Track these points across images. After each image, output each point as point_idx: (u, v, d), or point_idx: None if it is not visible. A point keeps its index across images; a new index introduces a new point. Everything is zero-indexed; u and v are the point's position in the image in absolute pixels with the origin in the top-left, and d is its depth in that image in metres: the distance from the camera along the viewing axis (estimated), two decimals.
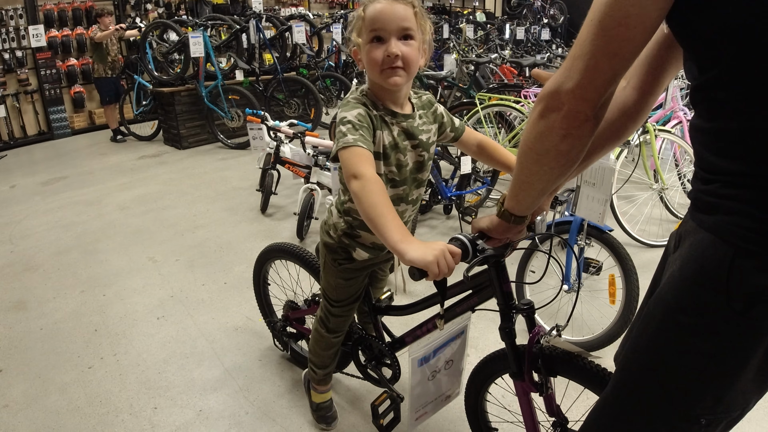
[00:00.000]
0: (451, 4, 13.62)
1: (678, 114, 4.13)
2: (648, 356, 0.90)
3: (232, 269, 3.22)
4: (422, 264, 1.04)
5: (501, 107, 4.31)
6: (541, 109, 0.85)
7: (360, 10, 1.30)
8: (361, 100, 1.34)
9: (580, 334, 2.42)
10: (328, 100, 7.27)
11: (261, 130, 3.97)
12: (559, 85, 0.82)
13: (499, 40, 9.46)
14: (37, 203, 4.64)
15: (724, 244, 0.78)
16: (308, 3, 10.54)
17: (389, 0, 1.27)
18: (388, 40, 1.26)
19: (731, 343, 0.80)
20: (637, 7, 0.74)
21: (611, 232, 2.29)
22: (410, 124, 1.41)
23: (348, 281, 1.60)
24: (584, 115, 0.82)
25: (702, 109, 0.83)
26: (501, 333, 1.32)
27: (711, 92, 0.79)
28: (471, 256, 1.15)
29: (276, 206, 4.24)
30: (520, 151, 0.95)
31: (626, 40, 0.76)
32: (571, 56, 0.81)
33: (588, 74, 0.79)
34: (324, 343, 1.77)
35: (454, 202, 3.72)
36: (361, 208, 1.17)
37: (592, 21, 0.78)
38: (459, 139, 1.58)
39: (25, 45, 7.12)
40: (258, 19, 6.82)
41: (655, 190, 3.66)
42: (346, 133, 1.25)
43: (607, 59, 0.77)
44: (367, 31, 1.28)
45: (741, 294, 0.77)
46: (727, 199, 0.79)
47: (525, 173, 0.97)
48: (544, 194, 1.01)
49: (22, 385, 2.23)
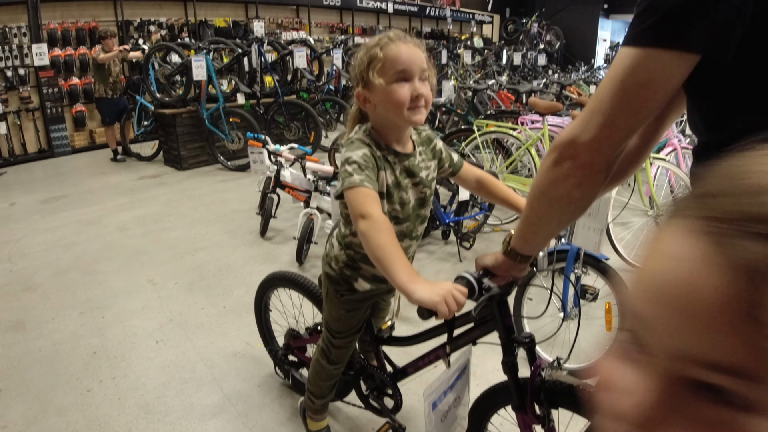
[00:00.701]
0: (449, 29, 13.84)
1: (672, 141, 4.20)
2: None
3: (231, 293, 3.23)
4: (430, 304, 1.06)
5: (498, 134, 4.38)
6: (556, 157, 0.88)
7: (376, 51, 1.30)
8: (365, 141, 1.36)
9: (577, 361, 2.44)
10: (328, 123, 7.35)
11: (262, 153, 4.02)
12: (575, 136, 0.85)
13: (496, 66, 9.61)
14: (36, 222, 4.66)
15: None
16: (309, 28, 10.70)
17: (407, 43, 1.31)
18: (412, 80, 1.30)
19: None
20: (661, 72, 0.76)
21: (607, 260, 2.33)
22: (411, 162, 1.43)
23: (350, 312, 1.62)
24: (598, 167, 0.85)
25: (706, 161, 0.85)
26: (504, 367, 1.33)
27: (718, 150, 0.82)
28: (477, 294, 1.18)
29: (275, 230, 4.27)
30: (531, 194, 0.97)
31: (647, 101, 0.78)
32: (590, 109, 0.83)
33: (605, 130, 0.81)
34: (324, 374, 1.78)
35: (453, 228, 3.76)
36: (368, 248, 1.19)
37: (614, 79, 0.80)
38: (457, 174, 1.60)
39: (28, 63, 7.20)
40: (260, 43, 6.93)
41: (651, 216, 3.71)
42: (352, 173, 1.27)
43: (625, 117, 0.80)
44: (390, 71, 1.29)
45: None
46: None
47: (536, 216, 1.00)
48: (553, 236, 1.05)
49: (21, 406, 2.23)
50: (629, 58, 0.78)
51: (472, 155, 4.49)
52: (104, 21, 7.86)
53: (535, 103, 4.26)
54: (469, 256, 3.75)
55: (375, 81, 1.31)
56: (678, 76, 0.77)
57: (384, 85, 1.30)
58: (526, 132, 4.38)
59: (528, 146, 4.16)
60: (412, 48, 1.31)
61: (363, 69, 1.32)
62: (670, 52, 0.75)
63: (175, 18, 8.79)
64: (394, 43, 1.30)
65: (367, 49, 1.33)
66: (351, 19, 11.63)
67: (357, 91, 1.37)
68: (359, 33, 11.72)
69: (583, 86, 8.32)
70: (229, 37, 8.62)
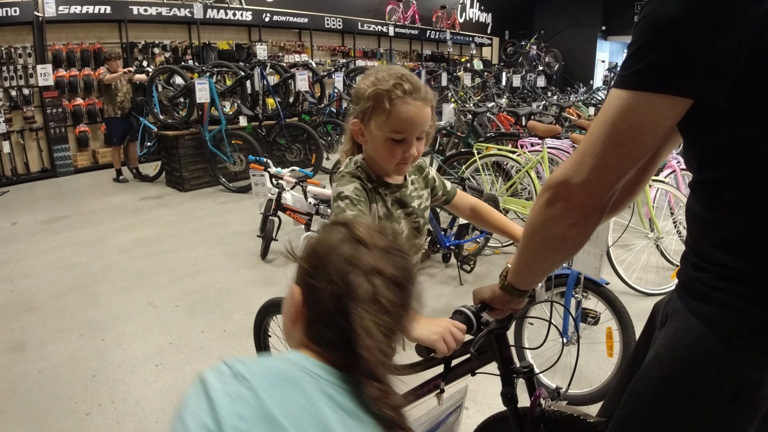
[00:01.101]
0: (449, 52, 14.00)
1: (671, 163, 4.22)
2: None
3: (231, 316, 3.23)
4: (428, 342, 1.05)
5: (498, 157, 4.41)
6: (549, 197, 0.87)
7: (384, 100, 1.25)
8: (355, 174, 1.36)
9: (578, 387, 2.43)
10: (329, 145, 7.41)
11: (263, 176, 4.05)
12: (568, 177, 0.84)
13: (496, 88, 9.70)
14: (37, 242, 4.67)
15: (714, 336, 0.81)
16: (311, 51, 10.83)
17: (417, 103, 1.27)
18: (409, 142, 1.29)
19: (719, 428, 0.83)
20: (653, 116, 0.76)
21: (607, 285, 2.33)
22: (403, 193, 1.43)
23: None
24: (592, 208, 0.84)
25: (702, 197, 0.85)
26: (503, 398, 1.32)
27: (713, 188, 0.82)
28: (476, 329, 1.17)
29: (276, 252, 4.27)
30: (525, 232, 0.97)
31: (638, 144, 0.78)
32: (581, 152, 0.83)
33: (597, 172, 0.81)
34: None
35: (453, 251, 3.77)
36: None
37: (605, 122, 0.79)
38: (451, 202, 1.60)
39: (33, 83, 7.29)
40: (262, 66, 7.02)
41: (651, 238, 3.72)
42: (345, 209, 1.26)
43: (617, 160, 0.80)
44: (390, 128, 1.27)
45: (730, 385, 0.80)
46: (720, 291, 0.81)
47: (530, 254, 0.99)
48: (548, 273, 1.04)
49: (20, 429, 2.22)
50: (620, 100, 0.78)
51: (472, 178, 4.52)
52: (109, 43, 7.97)
53: (535, 126, 4.31)
54: (470, 279, 3.75)
55: (372, 128, 1.30)
56: (670, 120, 0.77)
57: (380, 136, 1.29)
58: (525, 155, 4.41)
59: (528, 169, 4.19)
60: (421, 109, 1.27)
61: (366, 108, 1.29)
62: (661, 96, 0.75)
63: (179, 41, 8.92)
64: (404, 101, 1.25)
65: (377, 87, 1.27)
66: (353, 42, 11.78)
67: (353, 121, 1.34)
68: (360, 56, 11.86)
69: (582, 108, 8.39)
70: (232, 60, 8.74)
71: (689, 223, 0.90)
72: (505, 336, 1.32)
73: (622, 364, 2.25)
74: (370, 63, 11.37)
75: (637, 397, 0.93)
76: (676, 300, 0.91)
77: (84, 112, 7.83)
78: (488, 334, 1.18)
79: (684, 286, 0.89)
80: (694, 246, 0.88)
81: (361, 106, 1.30)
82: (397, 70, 1.30)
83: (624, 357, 2.24)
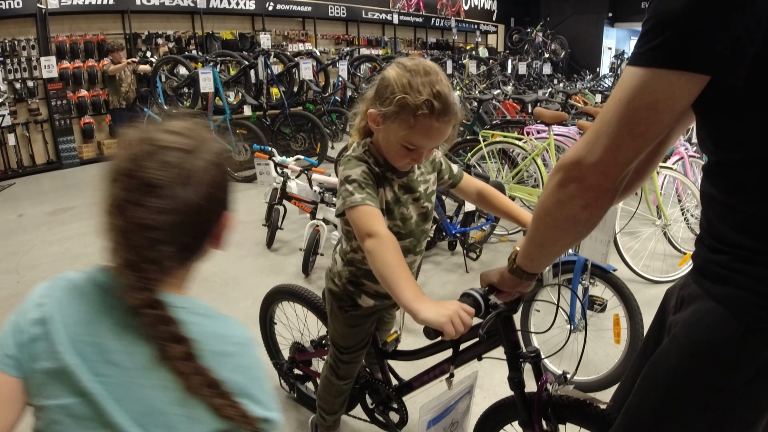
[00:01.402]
0: (455, 40, 13.90)
1: (679, 150, 4.18)
2: (653, 420, 0.91)
3: (237, 305, 3.23)
4: (436, 325, 1.04)
5: (504, 144, 4.38)
6: (561, 178, 0.86)
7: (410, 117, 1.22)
8: (362, 158, 1.35)
9: (585, 373, 2.42)
10: (334, 134, 7.38)
11: (268, 165, 4.03)
12: (581, 157, 0.82)
13: (501, 76, 9.63)
14: (44, 233, 4.68)
15: (734, 319, 0.79)
16: (315, 40, 10.78)
17: (442, 125, 1.25)
18: (421, 153, 1.30)
19: (736, 411, 0.81)
20: (668, 93, 0.74)
21: (615, 271, 2.31)
22: (410, 178, 1.43)
23: (354, 328, 1.61)
24: (605, 188, 0.82)
25: (718, 180, 0.83)
26: (510, 383, 1.32)
27: (730, 170, 0.80)
28: (484, 311, 1.16)
29: (282, 241, 4.27)
30: (536, 214, 0.95)
31: (653, 123, 0.76)
32: (595, 131, 0.81)
33: (611, 152, 0.79)
34: (334, 390, 1.76)
35: (459, 239, 3.75)
36: (374, 266, 1.17)
37: (620, 100, 0.77)
38: (457, 185, 1.59)
39: (37, 75, 7.28)
40: (266, 55, 6.98)
41: (659, 226, 3.69)
42: (353, 192, 1.25)
43: (632, 139, 0.78)
44: (407, 140, 1.26)
45: (748, 367, 0.78)
46: (739, 273, 0.79)
47: (541, 236, 0.97)
48: (558, 256, 1.02)
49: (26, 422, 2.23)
50: (636, 78, 0.75)
51: (478, 165, 4.49)
52: (112, 34, 7.95)
53: (541, 113, 4.26)
54: (476, 267, 3.74)
55: (390, 128, 1.27)
56: (687, 98, 0.74)
57: (395, 139, 1.28)
58: (531, 142, 4.38)
59: (534, 156, 4.16)
60: (444, 129, 1.26)
61: (390, 105, 1.24)
62: (678, 74, 0.72)
63: (182, 31, 8.88)
64: (430, 121, 1.22)
65: (407, 96, 1.22)
66: (357, 30, 11.71)
67: (372, 111, 1.30)
68: (365, 44, 11.79)
69: (588, 95, 8.32)
70: (235, 49, 8.70)
71: (704, 206, 0.88)
72: (512, 320, 1.31)
73: (629, 351, 2.24)
74: (374, 51, 11.30)
75: (654, 381, 0.91)
76: (691, 284, 0.89)
77: (89, 104, 7.81)
78: (497, 316, 1.17)
79: (700, 270, 0.87)
80: (710, 229, 0.86)
81: (385, 105, 1.26)
82: (433, 78, 1.24)
83: (631, 344, 2.23)
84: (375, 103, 1.31)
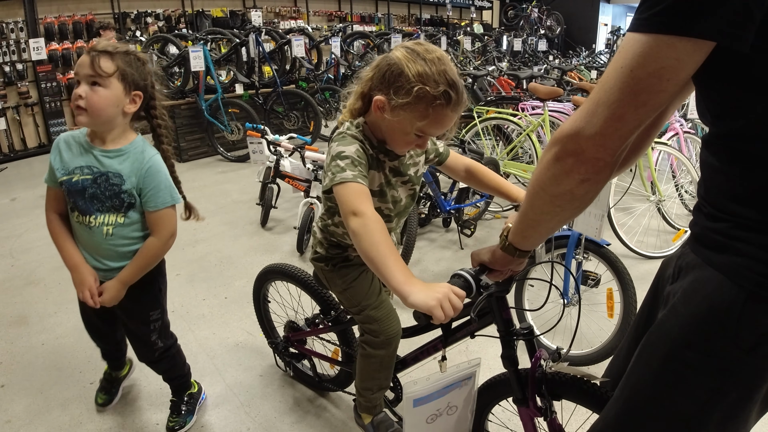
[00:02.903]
0: (449, 16, 13.73)
1: (674, 126, 4.16)
2: (653, 389, 0.90)
3: (232, 284, 3.23)
4: (425, 309, 1.01)
5: (499, 120, 4.35)
6: (558, 151, 0.83)
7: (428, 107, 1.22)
8: (358, 137, 1.33)
9: (579, 347, 2.44)
10: (328, 112, 7.32)
11: (261, 144, 4.00)
12: (579, 129, 0.79)
13: (496, 52, 9.54)
14: (37, 216, 4.65)
15: (735, 287, 0.78)
16: (307, 16, 10.62)
17: (455, 114, 1.26)
18: (427, 139, 1.32)
19: (737, 379, 0.81)
20: (674, 60, 0.71)
21: (609, 246, 2.32)
22: (401, 162, 1.43)
23: (357, 280, 1.57)
24: (604, 162, 0.79)
25: (720, 153, 0.81)
26: (503, 361, 1.31)
27: (731, 141, 0.78)
28: (475, 293, 1.13)
29: (276, 220, 4.27)
30: (530, 190, 0.92)
31: (657, 92, 0.73)
32: (594, 101, 0.77)
33: (612, 123, 0.76)
34: (380, 365, 1.61)
35: (453, 216, 3.75)
36: (360, 246, 1.14)
37: (623, 68, 0.74)
38: (443, 163, 1.59)
39: (26, 58, 7.16)
40: (257, 33, 6.87)
41: (653, 201, 3.69)
42: (345, 168, 1.22)
43: (634, 109, 0.75)
44: (420, 129, 1.26)
45: (750, 335, 0.77)
46: (739, 241, 0.78)
47: (535, 212, 0.94)
48: (553, 233, 1.00)
49: (25, 400, 2.24)
50: (639, 45, 0.72)
51: (473, 142, 4.47)
52: (101, 14, 7.81)
53: (536, 88, 4.23)
54: (471, 244, 3.74)
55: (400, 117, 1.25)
56: (691, 65, 0.72)
57: (410, 125, 1.26)
58: (526, 118, 4.35)
59: (529, 132, 4.14)
60: (455, 116, 1.27)
61: (406, 95, 1.22)
62: (684, 40, 0.69)
63: (172, 9, 8.73)
64: (445, 110, 1.23)
65: (425, 86, 1.20)
66: (350, 6, 11.54)
67: (380, 98, 1.26)
68: (358, 21, 11.63)
69: (584, 71, 8.26)
70: (226, 27, 8.56)
71: (704, 176, 0.86)
72: (504, 298, 1.30)
73: (622, 325, 2.25)
74: (367, 28, 11.15)
75: (653, 350, 0.90)
76: (689, 253, 0.88)
77: None
78: (488, 297, 1.16)
79: (698, 238, 0.86)
80: (709, 197, 0.84)
81: (400, 95, 1.23)
82: (447, 67, 1.23)
83: (624, 318, 2.24)
84: (383, 89, 1.27)
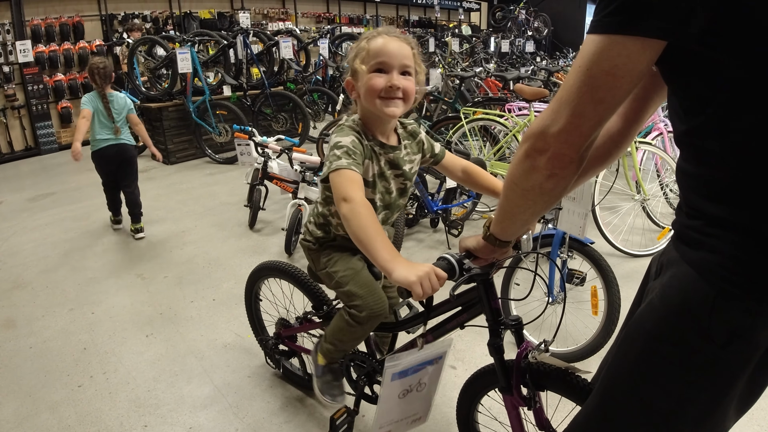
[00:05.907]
0: (437, 17, 13.78)
1: (659, 126, 4.22)
2: (630, 382, 0.92)
3: (220, 285, 3.24)
4: (405, 284, 1.08)
5: (486, 121, 4.38)
6: (527, 148, 0.88)
7: (363, 43, 1.40)
8: (355, 129, 1.42)
9: (564, 345, 2.47)
10: (316, 114, 7.32)
11: (249, 146, 4.01)
12: (545, 127, 0.84)
13: (484, 54, 9.58)
14: (24, 220, 4.63)
15: (707, 284, 0.80)
16: (295, 18, 10.62)
17: (392, 37, 1.38)
18: (390, 72, 1.36)
19: (712, 374, 0.83)
20: (625, 57, 0.75)
21: (593, 244, 2.35)
22: (396, 155, 1.49)
23: (341, 257, 1.58)
24: (569, 158, 0.84)
25: (688, 153, 0.85)
26: (490, 348, 1.35)
27: (697, 139, 0.81)
28: (458, 275, 1.20)
29: (264, 221, 4.27)
30: (505, 183, 0.97)
31: (613, 89, 0.77)
32: (558, 100, 0.82)
33: (574, 120, 0.80)
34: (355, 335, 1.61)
35: (441, 216, 3.77)
36: (350, 229, 1.22)
37: (580, 68, 0.79)
38: (440, 163, 1.64)
39: (13, 60, 7.11)
40: (245, 34, 6.87)
41: (638, 201, 3.74)
42: (341, 157, 1.31)
43: (593, 106, 0.79)
44: (371, 61, 1.37)
45: (721, 331, 0.79)
46: (712, 237, 0.81)
47: (510, 205, 1.00)
48: (529, 224, 1.05)
49: (13, 403, 2.24)
50: (593, 45, 0.77)
51: (460, 143, 4.50)
52: (88, 16, 7.77)
53: (521, 89, 4.27)
54: (458, 244, 3.76)
55: (358, 69, 1.39)
56: (644, 62, 0.76)
57: (364, 73, 1.37)
58: (513, 119, 4.39)
59: (515, 133, 4.18)
60: (397, 42, 1.37)
61: (351, 58, 1.42)
62: (633, 39, 0.74)
63: (159, 11, 8.70)
64: (380, 37, 1.38)
65: (359, 41, 1.43)
66: (338, 8, 11.56)
67: (347, 79, 1.45)
68: (346, 22, 11.65)
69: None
70: (214, 29, 8.56)
71: (679, 182, 0.90)
72: (493, 287, 1.34)
73: (606, 323, 2.28)
74: (356, 29, 11.17)
75: (631, 342, 0.93)
76: (671, 250, 0.91)
77: (65, 88, 7.67)
78: (470, 278, 1.22)
79: (678, 235, 0.89)
80: (686, 200, 0.88)
81: (350, 63, 1.43)
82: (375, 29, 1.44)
83: (609, 315, 2.27)
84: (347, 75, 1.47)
